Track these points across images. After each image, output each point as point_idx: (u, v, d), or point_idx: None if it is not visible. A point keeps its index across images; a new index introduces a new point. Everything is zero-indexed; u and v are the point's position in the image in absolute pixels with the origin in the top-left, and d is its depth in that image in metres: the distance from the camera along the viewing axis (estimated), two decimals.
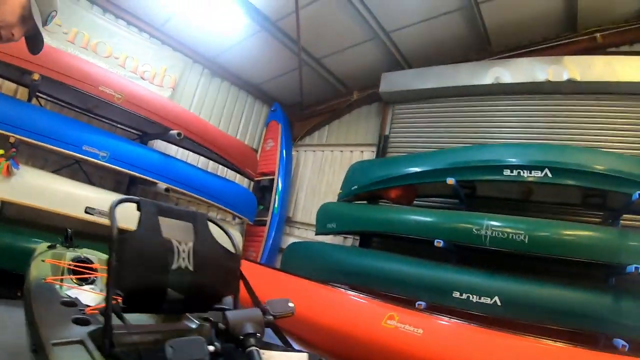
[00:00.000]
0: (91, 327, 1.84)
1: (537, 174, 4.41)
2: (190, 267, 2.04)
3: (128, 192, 6.38)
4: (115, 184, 6.56)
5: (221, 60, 7.79)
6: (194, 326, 2.29)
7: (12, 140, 4.60)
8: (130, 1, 6.51)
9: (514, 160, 4.58)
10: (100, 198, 5.20)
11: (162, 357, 1.40)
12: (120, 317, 2.00)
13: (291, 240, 7.68)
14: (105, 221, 5.10)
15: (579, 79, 5.33)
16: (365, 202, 6.28)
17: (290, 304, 2.02)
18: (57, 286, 2.52)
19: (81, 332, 1.79)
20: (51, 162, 5.85)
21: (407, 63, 7.19)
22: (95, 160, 5.15)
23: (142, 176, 5.56)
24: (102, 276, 2.93)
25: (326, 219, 6.07)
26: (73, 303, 2.21)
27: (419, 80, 6.80)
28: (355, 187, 6.03)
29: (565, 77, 5.41)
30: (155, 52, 6.99)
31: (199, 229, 2.22)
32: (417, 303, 4.44)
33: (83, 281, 2.83)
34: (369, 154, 7.63)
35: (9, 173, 4.48)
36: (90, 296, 2.56)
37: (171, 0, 6.41)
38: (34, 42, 1.83)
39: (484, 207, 5.20)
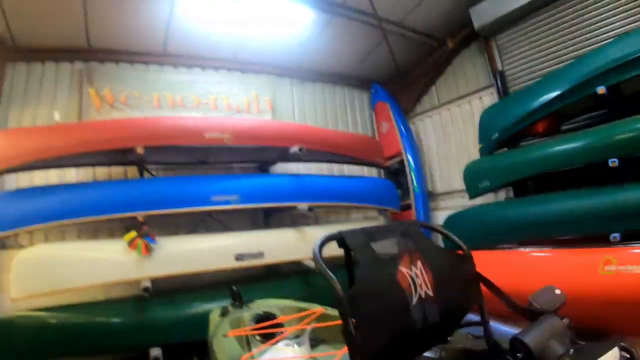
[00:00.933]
0: None
1: None
2: (430, 292, 1.61)
3: (267, 223, 6.31)
4: (251, 221, 6.46)
5: (305, 65, 7.45)
6: (434, 355, 1.88)
7: (140, 219, 4.60)
8: (195, 49, 6.42)
9: None
10: (245, 241, 5.12)
11: None
12: None
13: (439, 214, 7.19)
14: (257, 262, 5.02)
15: None
16: (505, 149, 5.55)
17: (557, 291, 1.59)
18: None
19: None
20: (183, 224, 5.85)
21: None
22: (229, 207, 5.03)
23: (280, 205, 5.39)
24: (292, 330, 2.63)
25: (477, 179, 5.48)
26: None
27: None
28: (496, 134, 5.32)
29: None
30: (240, 83, 6.89)
31: (418, 241, 1.76)
32: (611, 236, 3.71)
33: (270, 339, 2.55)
34: (488, 98, 6.79)
35: (148, 250, 4.50)
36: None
37: (233, 30, 6.17)
38: None
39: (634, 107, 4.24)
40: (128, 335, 4.49)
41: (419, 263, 1.64)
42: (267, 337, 2.57)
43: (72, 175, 5.73)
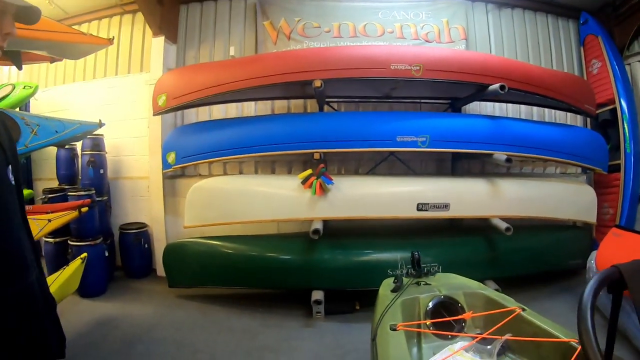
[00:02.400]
0: None
1: None
2: None
3: (453, 169, 5.74)
4: (437, 164, 5.98)
5: None
6: None
7: (316, 156, 4.39)
8: None
9: None
10: (430, 190, 4.56)
11: None
12: None
13: None
14: (441, 214, 4.46)
15: None
16: None
17: None
18: None
19: None
20: (365, 160, 5.67)
21: None
22: (416, 149, 4.48)
23: (472, 151, 4.64)
24: (480, 338, 1.94)
25: None
26: None
27: None
28: None
29: None
30: (429, 9, 6.12)
31: None
32: None
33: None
34: None
35: (323, 191, 4.24)
36: None
37: None
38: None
39: None
40: (293, 274, 4.45)
41: None
42: (442, 328, 2.07)
43: (250, 109, 5.80)
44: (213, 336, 3.88)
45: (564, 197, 5.02)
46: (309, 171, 4.32)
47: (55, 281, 3.60)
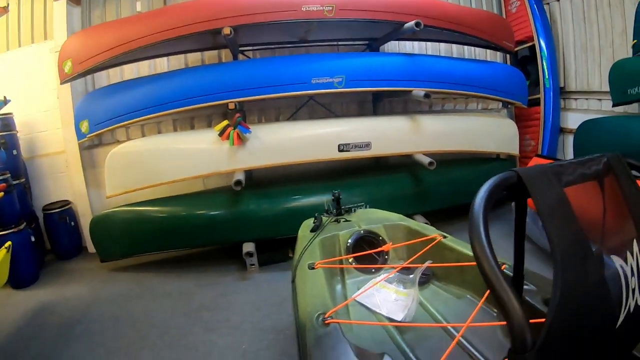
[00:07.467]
0: None
1: None
2: None
3: (375, 110, 5.71)
4: (358, 106, 5.95)
5: None
6: None
7: (231, 106, 4.26)
8: None
9: None
10: (350, 130, 4.55)
11: None
12: None
13: (570, 116, 6.10)
14: (363, 154, 4.49)
15: None
16: None
17: None
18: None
19: None
20: (285, 108, 5.56)
21: None
22: (332, 90, 4.39)
23: (392, 89, 4.62)
24: (400, 268, 1.98)
25: (625, 83, 4.35)
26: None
27: None
28: None
29: None
30: None
31: (630, 198, 1.02)
32: None
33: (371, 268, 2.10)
34: None
35: (241, 140, 4.13)
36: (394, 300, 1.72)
37: None
38: None
39: None
40: (222, 229, 4.41)
41: (634, 245, 0.98)
42: (365, 262, 2.11)
43: (163, 65, 5.52)
44: (150, 304, 3.82)
45: (487, 131, 5.13)
46: (226, 122, 4.20)
47: None
